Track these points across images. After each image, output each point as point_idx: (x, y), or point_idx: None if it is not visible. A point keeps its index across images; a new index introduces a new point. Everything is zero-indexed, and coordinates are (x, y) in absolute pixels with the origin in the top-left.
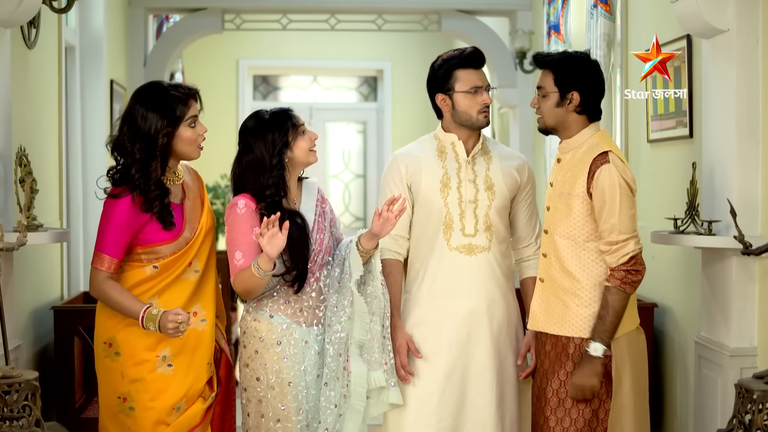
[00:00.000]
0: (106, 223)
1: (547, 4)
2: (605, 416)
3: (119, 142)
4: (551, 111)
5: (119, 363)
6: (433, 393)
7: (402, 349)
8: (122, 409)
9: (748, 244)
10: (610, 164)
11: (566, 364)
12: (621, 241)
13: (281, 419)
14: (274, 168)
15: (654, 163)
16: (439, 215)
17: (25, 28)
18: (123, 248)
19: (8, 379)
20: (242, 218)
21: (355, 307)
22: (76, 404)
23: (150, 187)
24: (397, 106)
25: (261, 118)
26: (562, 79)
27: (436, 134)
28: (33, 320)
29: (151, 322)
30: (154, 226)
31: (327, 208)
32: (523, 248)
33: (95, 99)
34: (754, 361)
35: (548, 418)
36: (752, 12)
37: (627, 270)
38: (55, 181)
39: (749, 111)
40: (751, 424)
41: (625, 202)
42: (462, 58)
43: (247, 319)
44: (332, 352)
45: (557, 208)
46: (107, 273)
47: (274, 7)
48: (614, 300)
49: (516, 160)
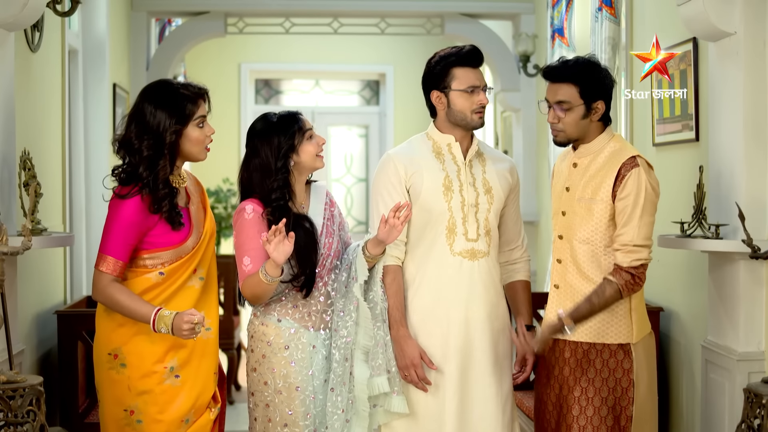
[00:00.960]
0: (112, 224)
1: (551, 8)
2: (627, 423)
3: (126, 139)
4: (576, 124)
5: (125, 375)
6: (438, 403)
7: (417, 361)
8: (129, 422)
9: (757, 247)
10: (640, 168)
11: (588, 371)
12: (639, 245)
13: (288, 424)
14: (279, 171)
15: (659, 167)
16: (441, 219)
17: (29, 31)
18: (129, 251)
19: (13, 384)
20: (250, 223)
21: (360, 312)
22: (79, 409)
23: (158, 185)
24: (400, 110)
25: (268, 121)
26: (587, 91)
27: (429, 134)
28: (36, 325)
29: (163, 324)
30: (161, 229)
31: (335, 212)
32: (510, 251)
33: (98, 103)
34: (762, 365)
35: (570, 426)
36: (759, 14)
37: (634, 275)
38: (58, 186)
39: (756, 114)
40: (760, 428)
41: (648, 208)
42: (460, 56)
43: (255, 323)
44: (338, 357)
45: (576, 213)
46: (112, 276)
47: (277, 11)
48: (610, 295)
49: (506, 163)
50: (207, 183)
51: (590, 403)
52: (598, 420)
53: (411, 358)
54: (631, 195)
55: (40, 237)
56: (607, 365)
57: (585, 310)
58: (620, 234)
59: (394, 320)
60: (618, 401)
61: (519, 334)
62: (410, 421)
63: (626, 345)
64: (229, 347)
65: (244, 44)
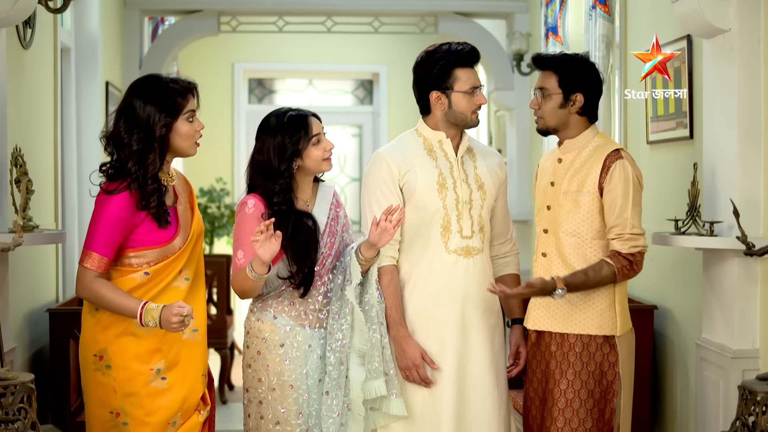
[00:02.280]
0: (98, 220)
1: (545, 6)
2: (611, 415)
3: (115, 134)
4: (554, 112)
5: (111, 377)
6: (435, 401)
7: (418, 361)
8: (115, 424)
9: (751, 244)
10: (624, 160)
11: (574, 364)
12: (636, 234)
13: (280, 422)
14: (282, 175)
15: (653, 165)
16: (436, 217)
17: (21, 28)
18: (115, 247)
19: (3, 381)
20: (249, 218)
21: (355, 315)
22: (71, 408)
23: (147, 181)
24: (393, 109)
25: (279, 119)
26: (566, 81)
27: (419, 131)
28: (28, 323)
29: (150, 318)
30: (147, 227)
31: (341, 213)
32: (500, 245)
33: (90, 101)
34: (756, 363)
35: (556, 419)
36: (754, 11)
37: (631, 261)
38: (50, 184)
39: (751, 111)
40: (754, 425)
41: (637, 198)
42: (462, 56)
43: (251, 319)
44: (333, 360)
45: (561, 206)
46: (96, 272)
47: (270, 9)
48: (606, 275)
49: (495, 158)
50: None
51: (576, 396)
52: (584, 412)
53: (412, 358)
54: (619, 186)
55: (31, 234)
56: (594, 358)
57: (579, 280)
58: (615, 225)
59: (393, 321)
60: (603, 394)
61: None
62: (407, 421)
63: (611, 338)
64: (222, 347)
65: (238, 44)
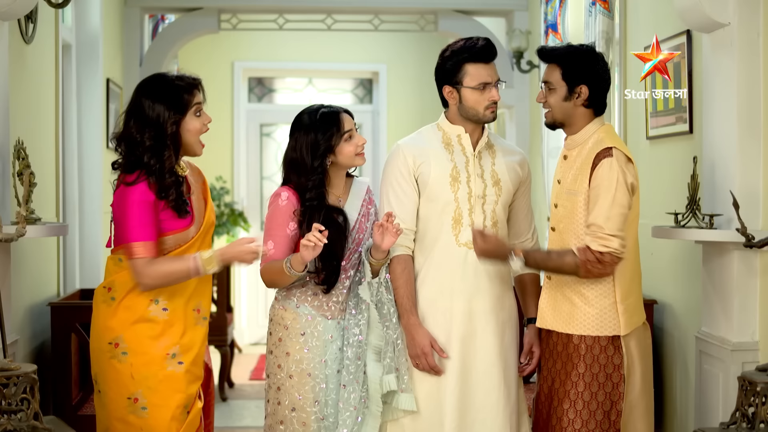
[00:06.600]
0: (127, 210)
1: (545, 3)
2: (617, 417)
3: (126, 135)
4: (559, 105)
5: (128, 363)
6: (441, 395)
7: (427, 350)
8: (133, 409)
9: (751, 236)
10: (612, 158)
11: (578, 365)
12: (610, 235)
13: (296, 408)
14: (315, 171)
15: (653, 160)
16: (447, 210)
17: (23, 22)
18: (153, 229)
19: (6, 372)
20: (282, 211)
21: (371, 312)
22: (73, 401)
23: (165, 174)
24: (393, 108)
25: (312, 116)
26: (570, 74)
27: (439, 125)
28: (30, 316)
29: (210, 265)
30: (167, 215)
31: (372, 210)
32: (520, 243)
33: (91, 98)
34: (755, 355)
35: (560, 419)
36: (753, 5)
37: (597, 259)
38: (51, 179)
39: (750, 104)
40: (754, 416)
41: (619, 198)
42: (473, 52)
43: (276, 306)
44: (350, 355)
45: (565, 206)
46: (148, 257)
47: (270, 7)
48: (566, 263)
49: (517, 155)
50: None
51: (580, 397)
52: (587, 414)
53: (422, 346)
54: (603, 184)
55: (34, 226)
56: (598, 361)
57: (539, 257)
58: (592, 223)
59: (404, 309)
60: (608, 396)
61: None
62: (417, 415)
63: (616, 339)
64: (222, 344)
65: (238, 43)
